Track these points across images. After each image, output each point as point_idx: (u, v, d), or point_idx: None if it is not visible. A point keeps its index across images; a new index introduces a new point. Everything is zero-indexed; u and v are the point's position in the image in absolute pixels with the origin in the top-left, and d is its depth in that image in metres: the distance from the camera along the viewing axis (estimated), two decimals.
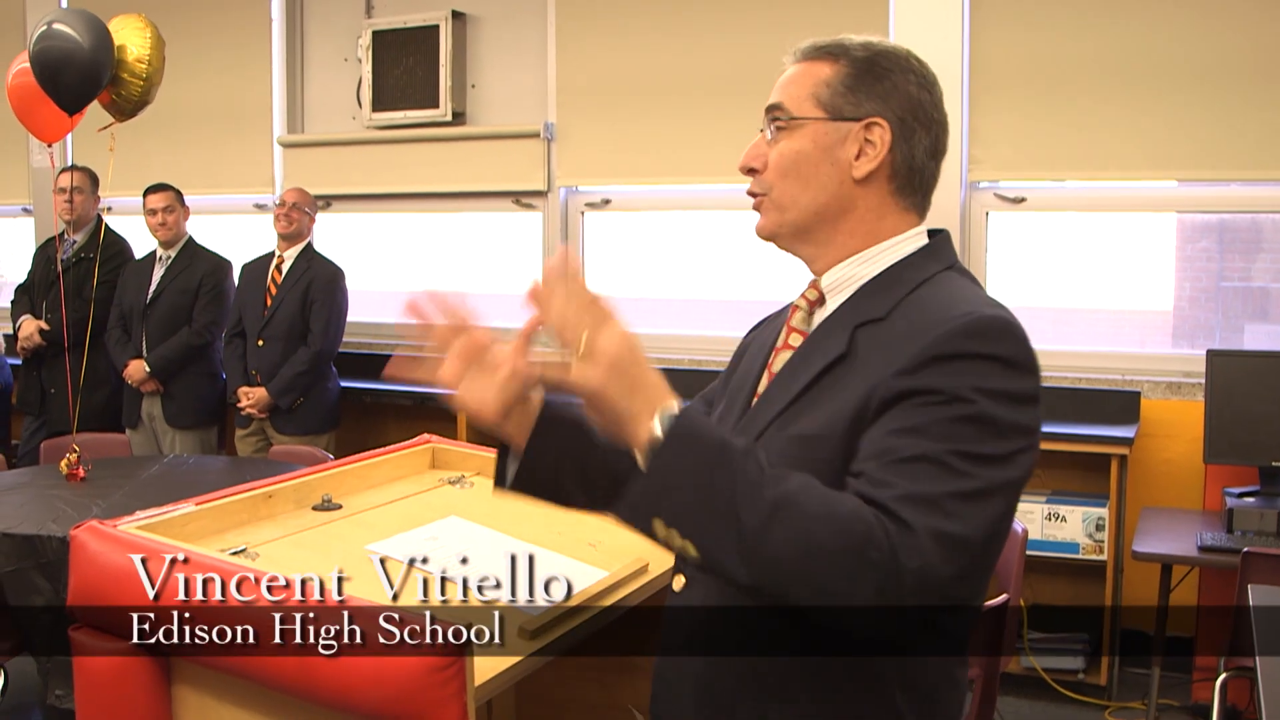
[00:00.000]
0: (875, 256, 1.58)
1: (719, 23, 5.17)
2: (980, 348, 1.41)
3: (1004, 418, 1.39)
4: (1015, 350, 1.43)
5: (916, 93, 1.56)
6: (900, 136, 1.55)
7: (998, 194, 4.80)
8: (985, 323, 1.43)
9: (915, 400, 1.40)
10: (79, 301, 5.18)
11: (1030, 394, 1.43)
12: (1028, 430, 1.42)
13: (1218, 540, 3.78)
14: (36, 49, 3.95)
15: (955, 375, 1.40)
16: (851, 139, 1.55)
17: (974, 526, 1.35)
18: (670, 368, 5.28)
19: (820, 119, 1.55)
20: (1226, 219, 4.72)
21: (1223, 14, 4.38)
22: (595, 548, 2.09)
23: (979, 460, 1.37)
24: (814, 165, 1.56)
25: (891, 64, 1.57)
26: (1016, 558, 3.09)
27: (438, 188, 5.78)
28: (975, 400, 1.38)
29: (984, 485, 1.37)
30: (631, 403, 1.37)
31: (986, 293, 1.58)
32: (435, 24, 5.64)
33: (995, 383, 1.40)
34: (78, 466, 4.01)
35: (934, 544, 1.31)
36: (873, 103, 1.55)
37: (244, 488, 2.16)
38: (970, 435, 1.38)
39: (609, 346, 1.36)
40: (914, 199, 1.59)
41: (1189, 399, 4.48)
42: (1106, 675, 4.34)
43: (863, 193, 1.56)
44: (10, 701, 3.85)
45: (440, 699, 1.49)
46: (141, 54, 4.09)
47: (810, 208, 1.57)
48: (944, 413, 1.38)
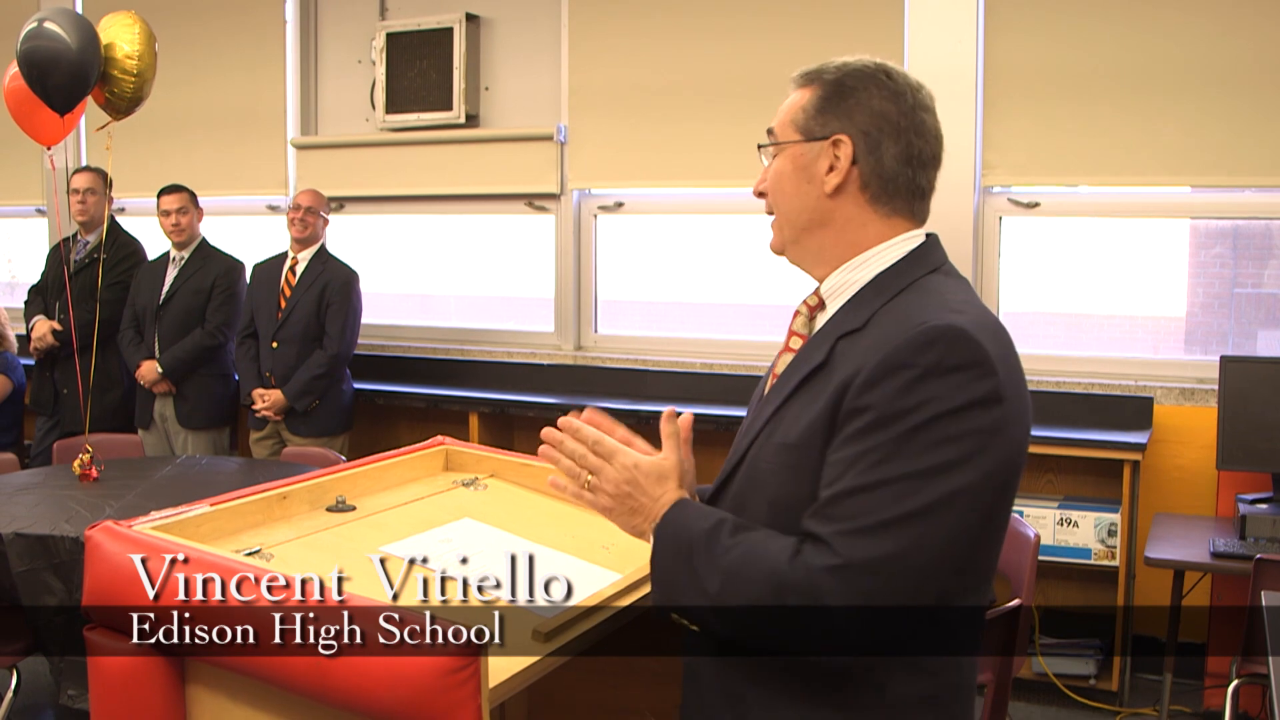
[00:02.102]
0: (865, 263, 1.66)
1: (732, 27, 5.17)
2: (928, 358, 1.48)
3: (953, 426, 1.46)
4: (964, 356, 1.48)
5: (881, 105, 1.64)
6: (865, 149, 1.64)
7: (1011, 199, 4.79)
8: (934, 333, 1.49)
9: (865, 418, 1.49)
10: (91, 302, 5.19)
11: (982, 397, 1.48)
12: (982, 432, 1.47)
13: (1231, 547, 3.77)
14: (23, 49, 3.93)
15: (901, 391, 1.47)
16: (822, 156, 1.66)
17: (918, 545, 1.44)
18: (682, 371, 5.30)
19: (796, 141, 1.68)
20: (1240, 225, 4.71)
21: (1237, 21, 4.36)
22: (609, 550, 2.09)
23: (924, 475, 1.45)
24: (794, 184, 1.69)
25: (857, 81, 1.66)
26: (1028, 562, 3.08)
27: (450, 190, 5.78)
28: (919, 413, 1.46)
29: (931, 500, 1.44)
30: (632, 520, 1.69)
31: (967, 295, 1.62)
32: (449, 26, 5.65)
33: (942, 390, 1.46)
34: (91, 467, 4.02)
35: (866, 574, 1.44)
36: (838, 121, 1.65)
37: (258, 489, 2.16)
38: (915, 450, 1.45)
39: (607, 485, 1.70)
40: (894, 205, 1.67)
41: (1202, 405, 4.47)
42: (1118, 681, 4.32)
43: (838, 205, 1.67)
44: (23, 701, 3.86)
45: (455, 701, 1.49)
46: (131, 50, 4.05)
47: (797, 223, 1.70)
48: (890, 431, 1.47)
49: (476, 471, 2.53)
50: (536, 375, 5.63)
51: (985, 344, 1.49)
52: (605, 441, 1.71)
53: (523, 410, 5.30)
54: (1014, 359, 1.58)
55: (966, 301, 1.59)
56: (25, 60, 3.92)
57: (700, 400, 5.15)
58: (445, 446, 2.59)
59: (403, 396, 5.58)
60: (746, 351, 5.32)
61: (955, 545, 1.47)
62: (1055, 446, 4.31)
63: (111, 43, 4.04)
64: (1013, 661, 2.77)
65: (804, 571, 1.46)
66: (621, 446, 1.72)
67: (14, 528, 3.34)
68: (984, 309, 1.61)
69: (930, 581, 1.47)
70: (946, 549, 1.46)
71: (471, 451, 2.58)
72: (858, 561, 1.44)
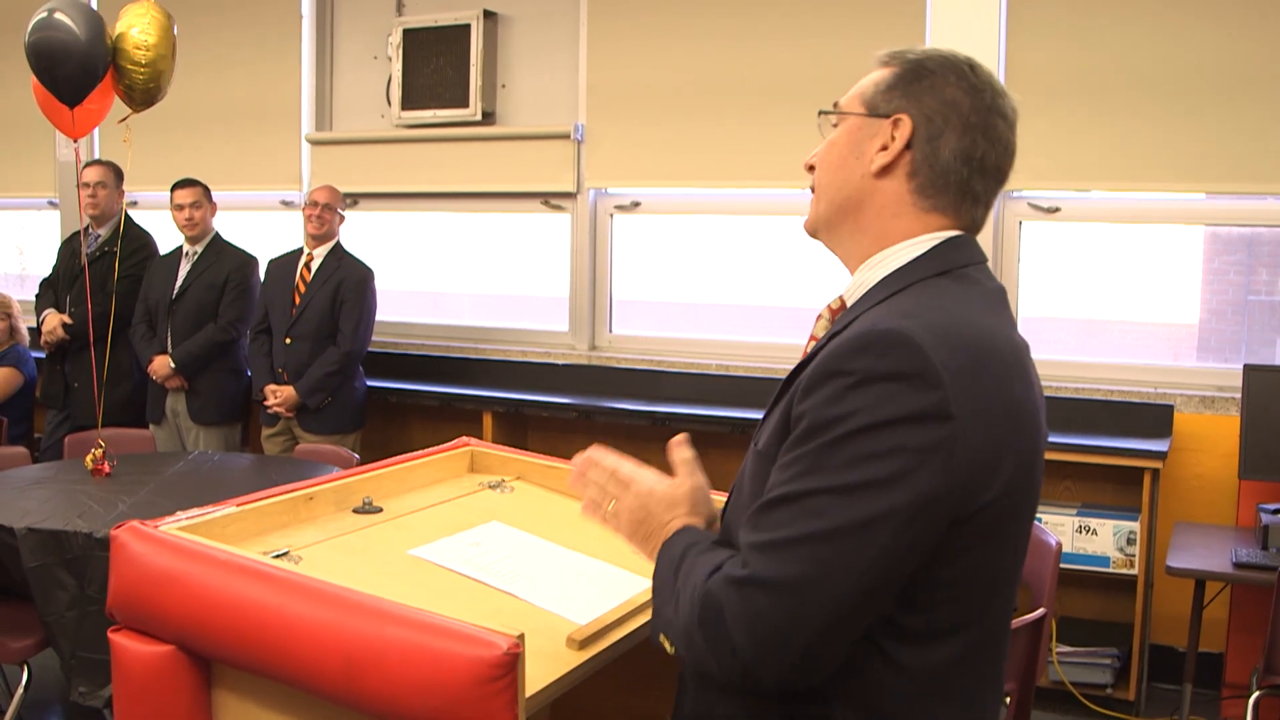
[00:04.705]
0: (882, 260, 1.56)
1: (752, 28, 5.14)
2: (861, 364, 1.36)
3: (883, 441, 1.33)
4: (901, 364, 1.35)
5: (955, 95, 1.54)
6: (924, 135, 1.54)
7: (1032, 204, 4.76)
8: (874, 337, 1.38)
9: (797, 429, 1.40)
10: (102, 296, 5.17)
11: (921, 410, 1.34)
12: (916, 450, 1.33)
13: (1253, 557, 3.73)
14: (31, 40, 3.89)
15: (831, 397, 1.37)
16: (878, 134, 1.56)
17: (820, 567, 1.33)
18: (697, 372, 5.27)
19: (858, 114, 1.59)
20: (1253, 232, 4.68)
21: (1255, 28, 4.33)
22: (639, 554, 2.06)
23: (843, 493, 1.34)
24: (843, 157, 1.59)
25: (936, 66, 1.57)
26: (1050, 570, 3.05)
27: (466, 187, 5.76)
28: (845, 425, 1.35)
29: (844, 521, 1.33)
30: (646, 545, 1.66)
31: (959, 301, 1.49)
32: (466, 23, 5.62)
33: (873, 401, 1.35)
34: (103, 462, 4.00)
35: (762, 591, 1.36)
36: (904, 101, 1.56)
37: (284, 489, 2.13)
38: (838, 465, 1.35)
39: (624, 511, 1.70)
40: (938, 200, 1.55)
41: (1222, 413, 4.44)
42: (1135, 690, 4.29)
43: (879, 187, 1.56)
44: (34, 697, 3.84)
45: (492, 710, 1.46)
46: (140, 41, 3.98)
47: (834, 199, 1.60)
48: (814, 443, 1.37)
49: (502, 473, 2.51)
50: (551, 375, 5.60)
51: (931, 352, 1.35)
52: (622, 469, 1.72)
53: (537, 410, 5.27)
54: (998, 377, 1.42)
55: (940, 307, 1.45)
56: (34, 51, 3.88)
57: (715, 402, 5.12)
58: (470, 448, 2.57)
59: (416, 395, 5.55)
60: (762, 353, 5.29)
61: (869, 577, 1.34)
62: (1074, 453, 4.28)
63: (123, 33, 3.99)
64: (1035, 671, 2.74)
65: (717, 583, 1.40)
66: (639, 474, 1.71)
67: (26, 522, 3.32)
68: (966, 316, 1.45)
69: (835, 612, 1.34)
70: (858, 580, 1.33)
71: (497, 453, 2.55)
72: (758, 578, 1.36)
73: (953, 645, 1.46)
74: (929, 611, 1.43)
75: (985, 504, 1.40)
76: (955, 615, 1.45)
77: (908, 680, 1.44)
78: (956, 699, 1.49)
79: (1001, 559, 1.48)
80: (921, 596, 1.41)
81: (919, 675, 1.45)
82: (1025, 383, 1.49)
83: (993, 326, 1.48)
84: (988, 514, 1.41)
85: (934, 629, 1.44)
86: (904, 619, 1.42)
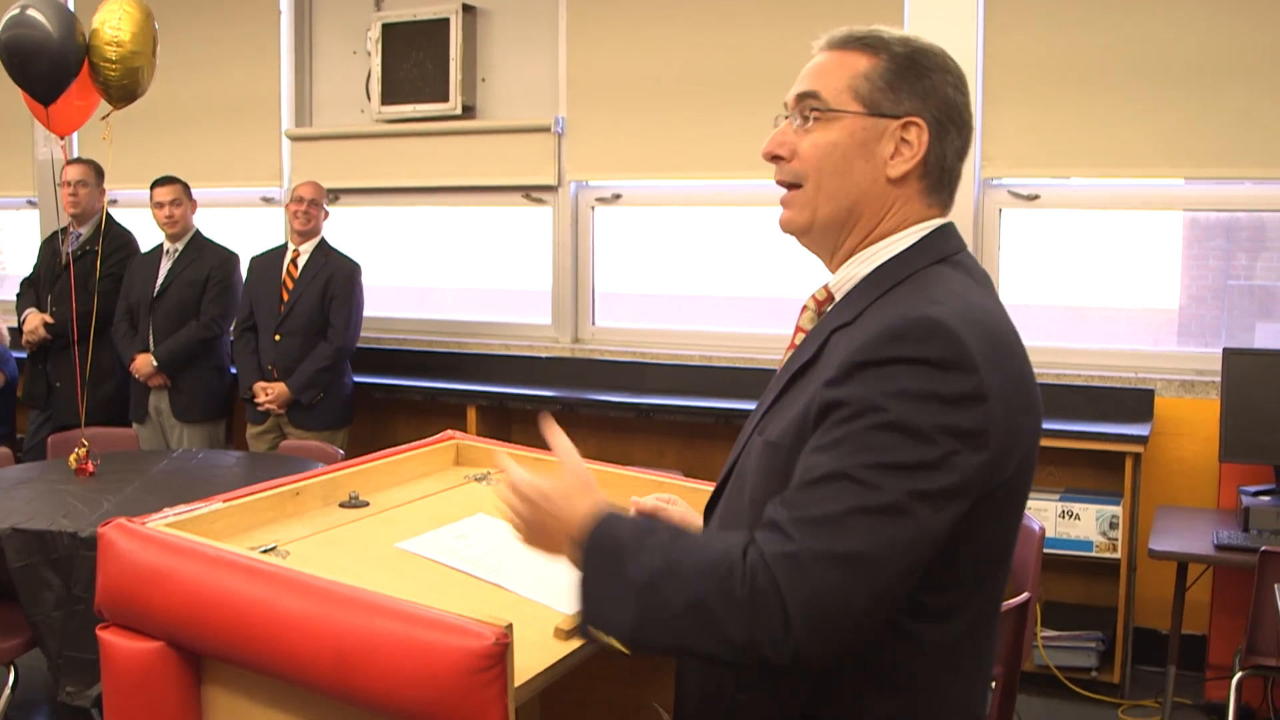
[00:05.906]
0: (875, 253, 1.56)
1: (730, 18, 5.15)
2: (901, 351, 1.38)
3: (927, 423, 1.35)
4: (941, 350, 1.37)
5: (953, 95, 1.56)
6: (936, 137, 1.54)
7: (1011, 191, 4.78)
8: (909, 325, 1.39)
9: (836, 413, 1.39)
10: (84, 295, 5.15)
11: (961, 394, 1.37)
12: (961, 432, 1.36)
13: (1234, 539, 3.77)
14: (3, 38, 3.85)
15: (872, 383, 1.38)
16: (888, 137, 1.53)
17: (876, 541, 1.34)
18: (680, 364, 5.28)
19: (858, 113, 1.54)
20: (1232, 217, 4.71)
21: (1235, 12, 4.36)
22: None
23: (893, 470, 1.35)
24: (848, 160, 1.54)
25: (931, 63, 1.56)
26: (1034, 556, 3.08)
27: (447, 181, 5.75)
28: (891, 408, 1.35)
29: (897, 497, 1.34)
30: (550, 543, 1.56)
31: (968, 285, 1.52)
32: (445, 17, 5.62)
33: (916, 386, 1.36)
34: (87, 461, 3.99)
35: (820, 565, 1.33)
36: (912, 101, 1.53)
37: (271, 485, 2.14)
38: (886, 445, 1.35)
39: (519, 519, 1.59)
40: (940, 195, 1.58)
41: (1202, 397, 4.47)
42: (1119, 673, 4.33)
43: (894, 192, 1.55)
44: (21, 697, 3.83)
45: (483, 701, 1.47)
46: (113, 37, 3.93)
47: (844, 203, 1.56)
48: (859, 424, 1.37)
49: (487, 466, 2.51)
50: (534, 368, 5.60)
51: (965, 338, 1.38)
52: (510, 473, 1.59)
53: (520, 403, 5.27)
54: (1010, 358, 1.46)
55: (955, 293, 1.47)
56: (5, 49, 3.85)
57: (698, 393, 5.13)
58: (456, 441, 2.58)
59: (400, 390, 5.55)
60: (745, 344, 5.30)
61: (914, 553, 1.36)
62: (1056, 439, 4.30)
63: (96, 29, 3.95)
64: (1021, 655, 2.76)
65: (756, 557, 1.34)
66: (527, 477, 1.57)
67: (11, 523, 3.32)
68: (976, 302, 1.48)
69: (886, 586, 1.35)
70: (905, 555, 1.35)
71: (482, 446, 2.56)
72: (818, 550, 1.33)
73: (963, 619, 1.50)
74: (948, 588, 1.47)
75: (1003, 482, 1.44)
76: (968, 591, 1.49)
77: (924, 655, 1.48)
78: (963, 670, 1.53)
79: (1008, 535, 1.53)
80: (941, 573, 1.43)
81: (933, 650, 1.48)
82: (1029, 364, 1.53)
83: (997, 311, 1.52)
84: (1003, 491, 1.45)
85: (950, 605, 1.48)
86: (924, 595, 1.44)
